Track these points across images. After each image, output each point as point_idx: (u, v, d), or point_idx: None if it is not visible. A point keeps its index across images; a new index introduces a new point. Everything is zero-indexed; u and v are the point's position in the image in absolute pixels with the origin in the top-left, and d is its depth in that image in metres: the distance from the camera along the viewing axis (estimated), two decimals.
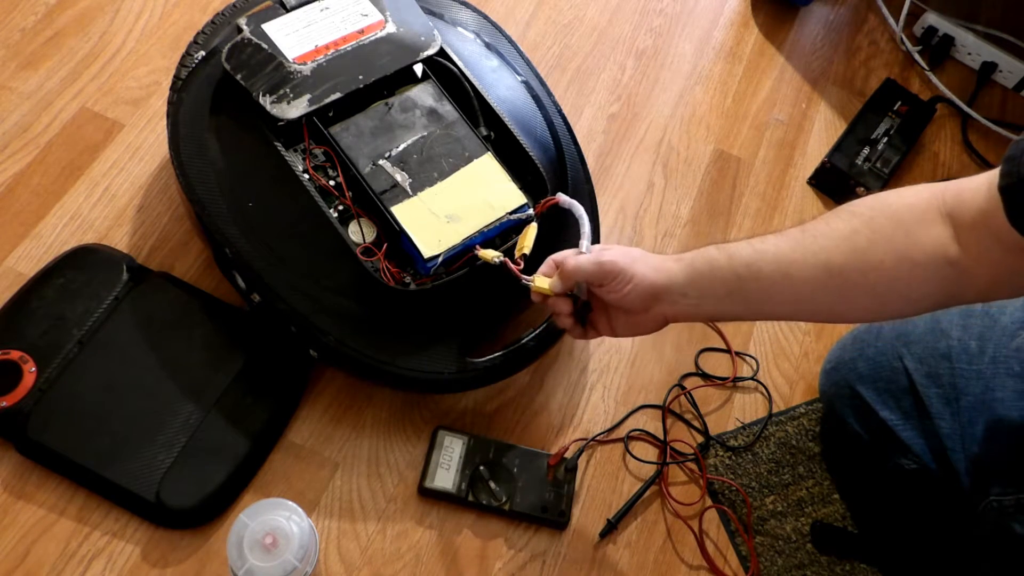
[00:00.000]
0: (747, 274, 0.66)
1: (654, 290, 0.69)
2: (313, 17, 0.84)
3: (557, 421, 0.87)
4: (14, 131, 0.91)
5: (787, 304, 0.67)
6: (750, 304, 0.68)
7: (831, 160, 1.06)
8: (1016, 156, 0.54)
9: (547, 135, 0.90)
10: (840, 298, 0.64)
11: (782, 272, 0.65)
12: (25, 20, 0.98)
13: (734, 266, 0.66)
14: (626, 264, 0.69)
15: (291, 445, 0.80)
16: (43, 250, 0.85)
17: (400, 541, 0.78)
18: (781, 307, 0.68)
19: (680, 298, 0.69)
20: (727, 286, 0.67)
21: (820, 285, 0.64)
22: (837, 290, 0.64)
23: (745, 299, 0.67)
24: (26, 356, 0.75)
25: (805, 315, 0.72)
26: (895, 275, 0.62)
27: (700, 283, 0.68)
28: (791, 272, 0.64)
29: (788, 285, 0.65)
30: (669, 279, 0.69)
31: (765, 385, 0.93)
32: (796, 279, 0.64)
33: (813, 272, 0.64)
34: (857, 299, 0.64)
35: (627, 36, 1.18)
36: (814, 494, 0.87)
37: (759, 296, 0.66)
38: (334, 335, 0.76)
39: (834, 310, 0.66)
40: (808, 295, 0.65)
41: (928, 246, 0.60)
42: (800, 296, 0.65)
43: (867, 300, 0.64)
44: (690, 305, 0.69)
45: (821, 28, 1.27)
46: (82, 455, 0.73)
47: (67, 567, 0.72)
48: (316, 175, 0.80)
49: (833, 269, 0.63)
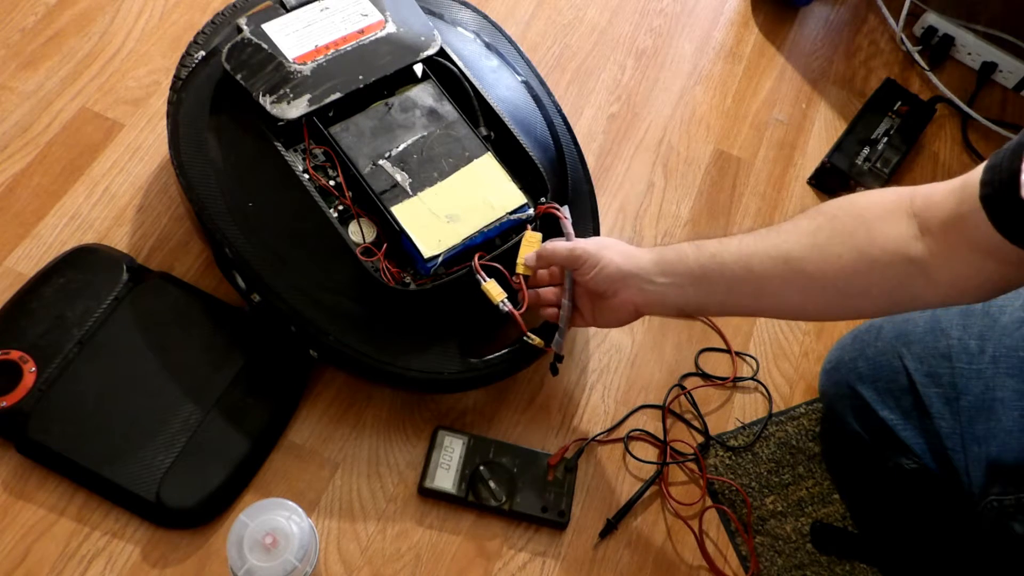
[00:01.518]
0: (711, 264, 0.69)
1: (620, 274, 0.72)
2: (313, 17, 0.84)
3: (557, 421, 0.87)
4: (14, 131, 0.91)
5: (749, 296, 0.69)
6: (714, 295, 0.70)
7: (831, 160, 1.07)
8: (997, 164, 0.55)
9: (547, 135, 0.90)
10: (800, 292, 0.66)
11: (743, 264, 0.67)
12: (25, 20, 0.98)
13: (699, 256, 0.69)
14: (595, 250, 0.73)
15: (291, 445, 0.80)
16: (43, 250, 0.85)
17: (400, 541, 0.78)
18: (744, 299, 0.70)
19: (647, 284, 0.72)
20: (691, 276, 0.70)
21: (780, 278, 0.66)
22: (797, 284, 0.65)
23: (709, 290, 0.69)
24: (26, 356, 0.75)
25: (768, 310, 0.73)
26: (854, 270, 0.63)
27: (666, 271, 0.71)
28: (752, 264, 0.66)
29: (750, 277, 0.67)
30: (636, 265, 0.72)
31: (765, 385, 0.93)
32: (757, 271, 0.66)
33: (773, 264, 0.66)
34: (817, 294, 0.65)
35: (627, 36, 1.18)
36: (814, 494, 0.87)
37: (723, 287, 0.69)
38: (334, 335, 0.76)
39: (795, 305, 0.68)
40: (769, 288, 0.67)
41: (889, 243, 0.61)
42: (762, 289, 0.67)
43: (827, 295, 0.65)
44: (656, 293, 0.72)
45: (821, 28, 1.27)
46: (82, 455, 0.73)
47: (67, 567, 0.72)
48: (316, 175, 0.80)
49: (792, 262, 0.65)
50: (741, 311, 0.77)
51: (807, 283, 0.65)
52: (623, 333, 0.93)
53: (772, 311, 0.73)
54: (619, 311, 0.76)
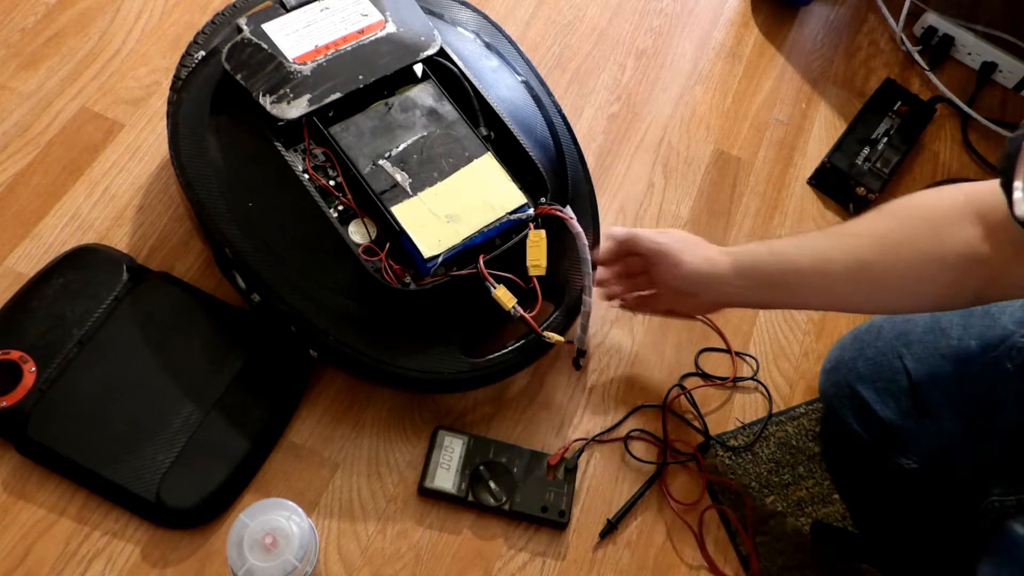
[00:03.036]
0: (788, 268, 0.73)
1: (700, 277, 0.77)
2: (313, 17, 0.84)
3: (557, 421, 0.87)
4: (14, 131, 0.91)
5: (817, 295, 0.74)
6: (791, 295, 0.75)
7: (831, 160, 1.06)
8: (1010, 153, 0.56)
9: (547, 135, 0.90)
10: (867, 292, 0.70)
11: (819, 268, 0.71)
12: (25, 20, 0.98)
13: (777, 261, 0.73)
14: (677, 250, 0.78)
15: (291, 445, 0.80)
16: (43, 250, 0.85)
17: (400, 541, 0.78)
18: (811, 297, 0.75)
19: (726, 286, 0.76)
20: (768, 279, 0.74)
21: (851, 280, 0.69)
22: (865, 285, 0.69)
23: (782, 291, 0.74)
24: (26, 356, 0.75)
25: (830, 306, 0.80)
26: (922, 274, 0.66)
27: (743, 275, 0.75)
28: (827, 268, 0.70)
29: (822, 280, 0.71)
30: (715, 269, 0.76)
31: (765, 385, 0.93)
32: (830, 273, 0.70)
33: (845, 268, 0.69)
34: (882, 294, 0.69)
35: (627, 36, 1.18)
36: (814, 494, 0.87)
37: (796, 288, 0.73)
38: (334, 335, 0.76)
39: (859, 303, 0.74)
40: (838, 288, 0.71)
41: (956, 246, 0.64)
42: (831, 289, 0.71)
43: (891, 295, 0.69)
44: (734, 294, 0.77)
45: (821, 28, 1.27)
46: (82, 455, 0.73)
47: (67, 567, 0.72)
48: (316, 175, 0.80)
49: (864, 265, 0.68)
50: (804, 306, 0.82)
51: (875, 284, 0.68)
52: (623, 333, 0.93)
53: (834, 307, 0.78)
54: (700, 307, 0.84)
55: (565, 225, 0.80)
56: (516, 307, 0.77)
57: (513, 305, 0.76)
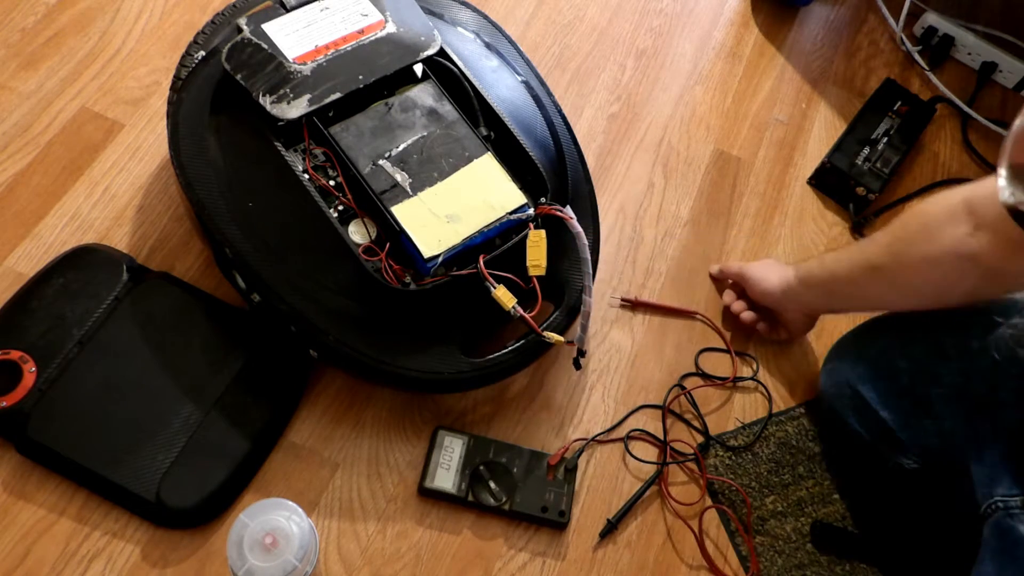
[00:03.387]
0: (829, 278, 0.84)
1: (780, 295, 0.89)
2: (313, 17, 0.84)
3: (557, 421, 0.87)
4: (14, 131, 0.91)
5: (849, 299, 0.86)
6: (846, 300, 0.87)
7: (831, 160, 1.06)
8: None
9: (547, 135, 0.90)
10: (883, 293, 0.80)
11: (846, 276, 0.81)
12: (25, 20, 0.98)
13: (822, 271, 0.85)
14: (758, 274, 0.91)
15: (291, 445, 0.80)
16: (43, 250, 0.85)
17: (400, 541, 0.78)
18: (849, 301, 0.88)
19: (800, 297, 0.88)
20: (824, 287, 0.85)
21: (870, 283, 0.79)
22: (881, 286, 0.79)
23: (830, 297, 0.86)
24: (26, 356, 0.75)
25: (862, 307, 0.90)
26: (918, 271, 0.73)
27: (805, 284, 0.86)
28: (853, 275, 0.80)
29: (851, 285, 0.82)
30: (788, 285, 0.88)
31: (765, 385, 0.93)
32: (856, 279, 0.80)
33: (862, 273, 0.79)
34: (895, 293, 0.79)
35: (627, 36, 1.18)
36: (814, 494, 0.87)
37: (838, 293, 0.84)
38: (334, 335, 0.76)
39: (883, 303, 0.84)
40: (862, 292, 0.82)
41: (945, 243, 0.70)
42: (859, 291, 0.82)
43: (902, 293, 0.78)
44: (806, 303, 0.90)
45: (821, 28, 1.27)
46: (82, 455, 0.73)
47: (67, 567, 0.72)
48: (316, 175, 0.80)
49: (876, 270, 0.77)
50: (859, 308, 0.91)
51: (888, 285, 0.78)
52: (623, 333, 0.93)
53: (872, 307, 0.87)
54: (795, 322, 0.92)
55: (565, 225, 0.80)
56: (516, 307, 0.77)
57: (513, 305, 0.76)
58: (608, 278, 0.96)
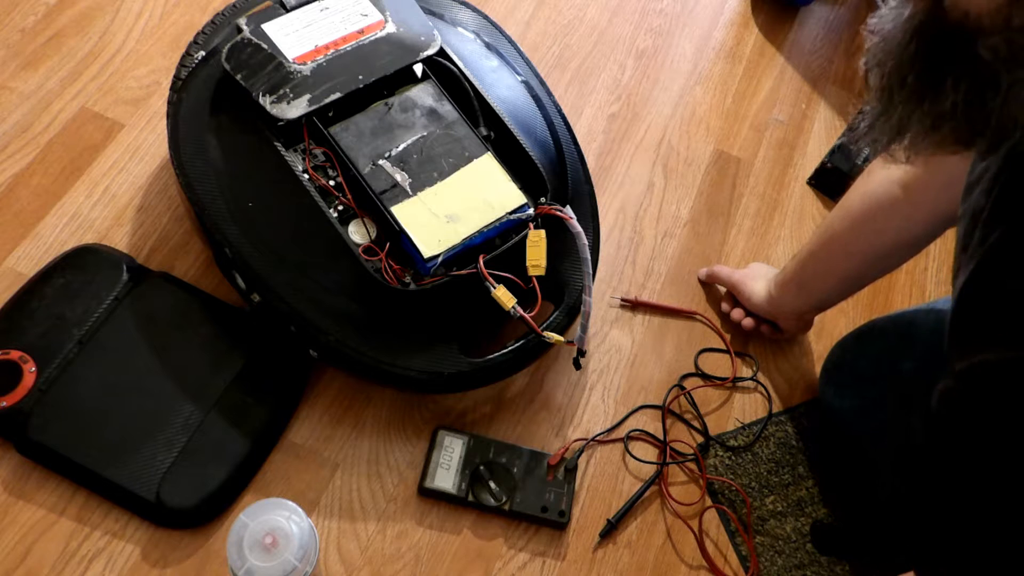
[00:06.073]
0: (799, 268, 0.86)
1: (764, 305, 0.91)
2: (313, 17, 0.84)
3: (557, 421, 0.87)
4: (14, 131, 0.91)
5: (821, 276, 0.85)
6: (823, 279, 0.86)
7: (831, 160, 1.06)
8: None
9: (547, 135, 0.90)
10: (842, 254, 0.81)
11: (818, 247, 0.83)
12: (25, 20, 0.98)
13: (793, 262, 0.87)
14: (747, 281, 0.92)
15: (291, 445, 0.80)
16: (43, 250, 0.85)
17: (400, 541, 0.78)
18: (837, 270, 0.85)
19: (782, 305, 0.90)
20: (797, 279, 0.87)
21: (826, 250, 0.83)
22: (840, 250, 0.81)
23: (815, 278, 0.86)
24: (26, 356, 0.75)
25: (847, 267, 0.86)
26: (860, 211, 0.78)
27: (785, 288, 0.88)
28: (814, 251, 0.84)
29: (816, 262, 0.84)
30: (768, 295, 0.90)
31: (765, 385, 0.93)
32: (817, 254, 0.83)
33: (822, 246, 0.83)
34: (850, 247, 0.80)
35: (627, 36, 1.18)
36: (814, 494, 0.87)
37: (818, 271, 0.85)
38: (334, 335, 0.76)
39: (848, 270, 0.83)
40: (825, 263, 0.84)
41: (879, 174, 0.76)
42: (822, 265, 0.84)
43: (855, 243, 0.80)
44: (790, 307, 0.90)
45: (821, 28, 1.27)
46: (82, 455, 0.73)
47: (67, 567, 0.72)
48: (316, 175, 0.80)
49: (831, 232, 0.81)
50: (823, 299, 0.89)
51: (842, 248, 0.81)
52: (623, 333, 0.93)
53: (836, 288, 0.87)
54: (789, 325, 0.92)
55: (565, 225, 0.80)
56: (516, 307, 0.77)
57: (513, 305, 0.76)
58: (608, 278, 0.96)
